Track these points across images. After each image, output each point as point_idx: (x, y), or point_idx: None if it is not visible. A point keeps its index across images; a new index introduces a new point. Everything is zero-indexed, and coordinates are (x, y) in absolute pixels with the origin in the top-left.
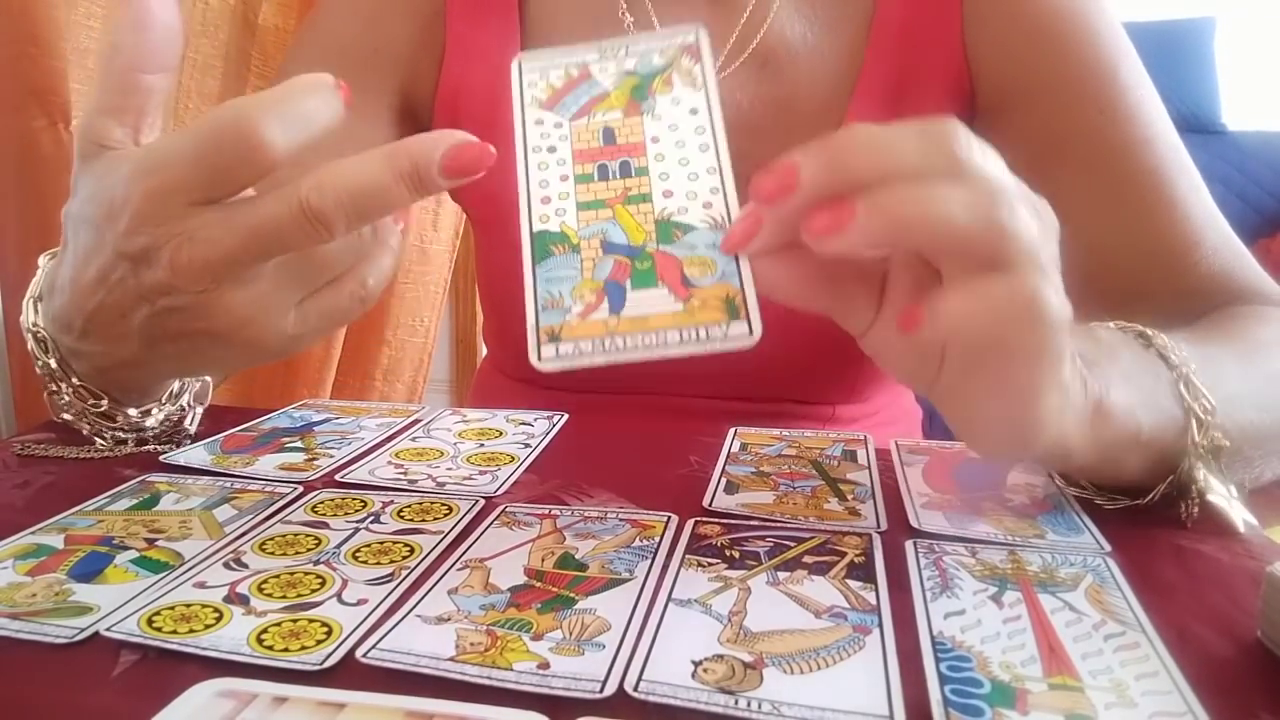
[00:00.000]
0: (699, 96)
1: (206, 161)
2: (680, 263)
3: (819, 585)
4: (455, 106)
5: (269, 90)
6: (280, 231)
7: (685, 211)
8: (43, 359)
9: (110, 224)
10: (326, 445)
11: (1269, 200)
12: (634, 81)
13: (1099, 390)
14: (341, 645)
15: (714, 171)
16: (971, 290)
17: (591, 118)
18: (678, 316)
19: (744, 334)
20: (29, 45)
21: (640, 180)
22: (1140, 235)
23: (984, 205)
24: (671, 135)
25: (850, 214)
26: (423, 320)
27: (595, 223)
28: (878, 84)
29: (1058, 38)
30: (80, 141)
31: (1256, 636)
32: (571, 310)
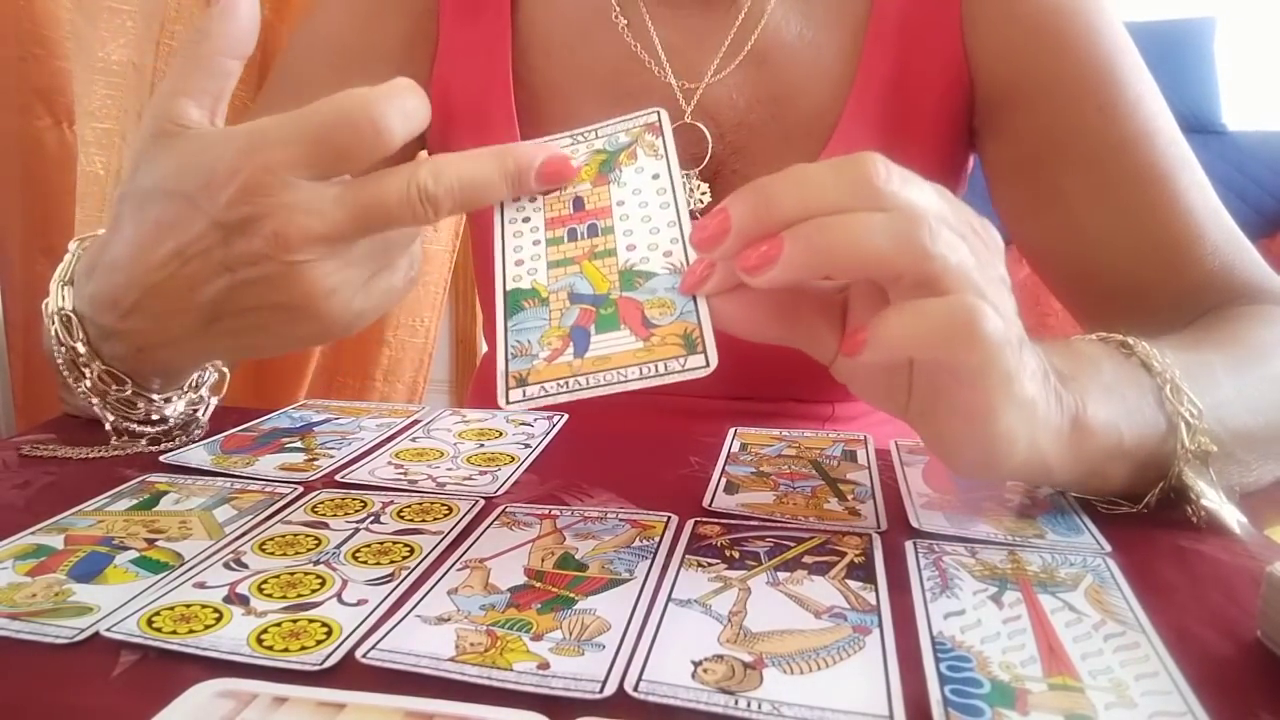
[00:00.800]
0: (660, 164)
1: (327, 141)
2: (641, 306)
3: (819, 585)
4: (447, 105)
5: (380, 86)
6: (390, 210)
7: (647, 260)
8: (68, 343)
9: (209, 194)
10: (326, 445)
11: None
12: (602, 157)
13: (1076, 405)
14: (341, 645)
15: (674, 224)
16: (908, 311)
17: (563, 191)
18: (638, 354)
19: (700, 365)
20: (34, 46)
21: (606, 238)
22: (1140, 233)
23: (903, 230)
24: (635, 198)
25: (777, 249)
26: (423, 320)
27: (564, 278)
28: (875, 82)
29: (1057, 35)
30: (154, 121)
31: (1256, 636)
32: (539, 356)
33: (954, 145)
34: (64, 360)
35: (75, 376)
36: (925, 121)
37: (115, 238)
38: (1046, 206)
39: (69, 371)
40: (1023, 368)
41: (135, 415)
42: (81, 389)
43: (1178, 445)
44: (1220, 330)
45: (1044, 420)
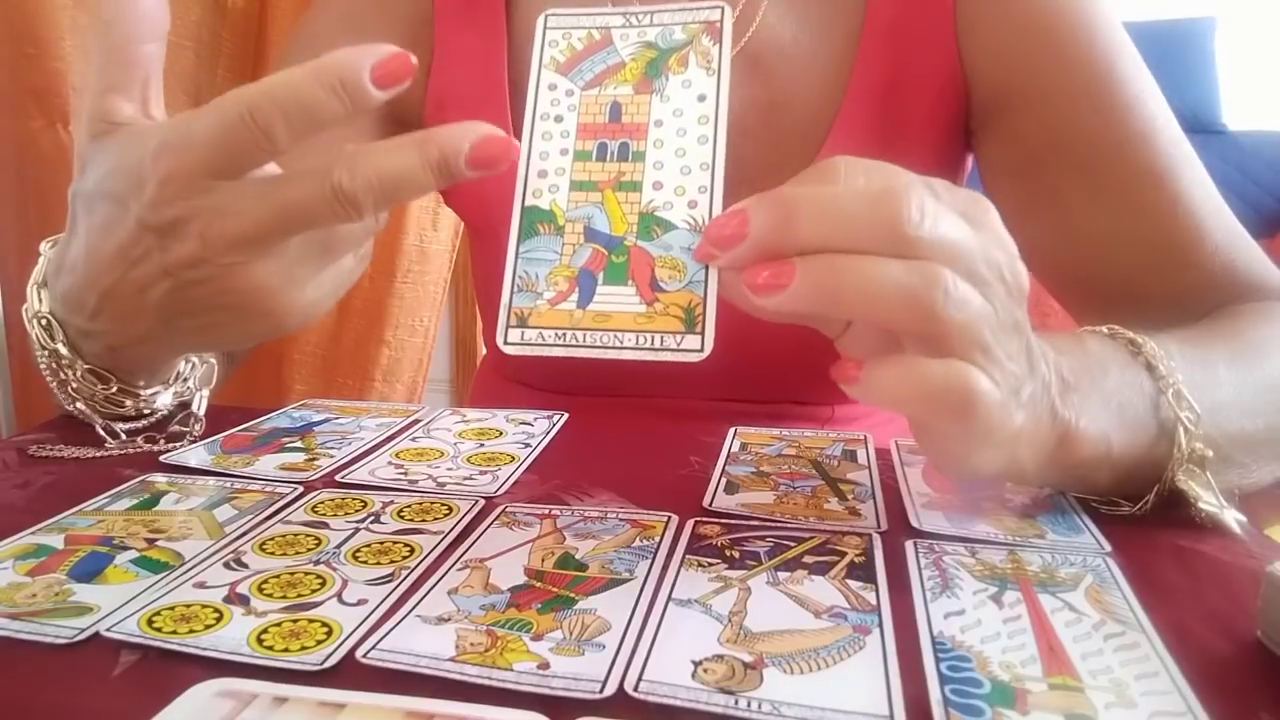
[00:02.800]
0: (710, 82)
1: (221, 144)
2: (653, 262)
3: (819, 585)
4: (443, 112)
5: (285, 74)
6: (310, 210)
7: (670, 207)
8: (49, 346)
9: (135, 195)
10: (326, 445)
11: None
12: (651, 55)
13: (1069, 419)
14: (341, 645)
15: (706, 168)
16: (904, 368)
17: (603, 90)
18: (638, 319)
19: (695, 348)
20: (28, 46)
21: (635, 166)
22: (1141, 234)
23: (917, 288)
24: (675, 121)
25: (788, 278)
26: (422, 320)
27: (583, 205)
28: (870, 85)
29: (1053, 35)
30: (90, 122)
31: (1256, 636)
32: (543, 295)
33: (950, 147)
34: (49, 363)
35: (61, 379)
36: (920, 124)
37: (72, 238)
38: (1044, 208)
39: (53, 375)
40: (1011, 418)
41: (125, 412)
42: (67, 392)
43: (1173, 449)
44: (1223, 329)
45: (1028, 442)
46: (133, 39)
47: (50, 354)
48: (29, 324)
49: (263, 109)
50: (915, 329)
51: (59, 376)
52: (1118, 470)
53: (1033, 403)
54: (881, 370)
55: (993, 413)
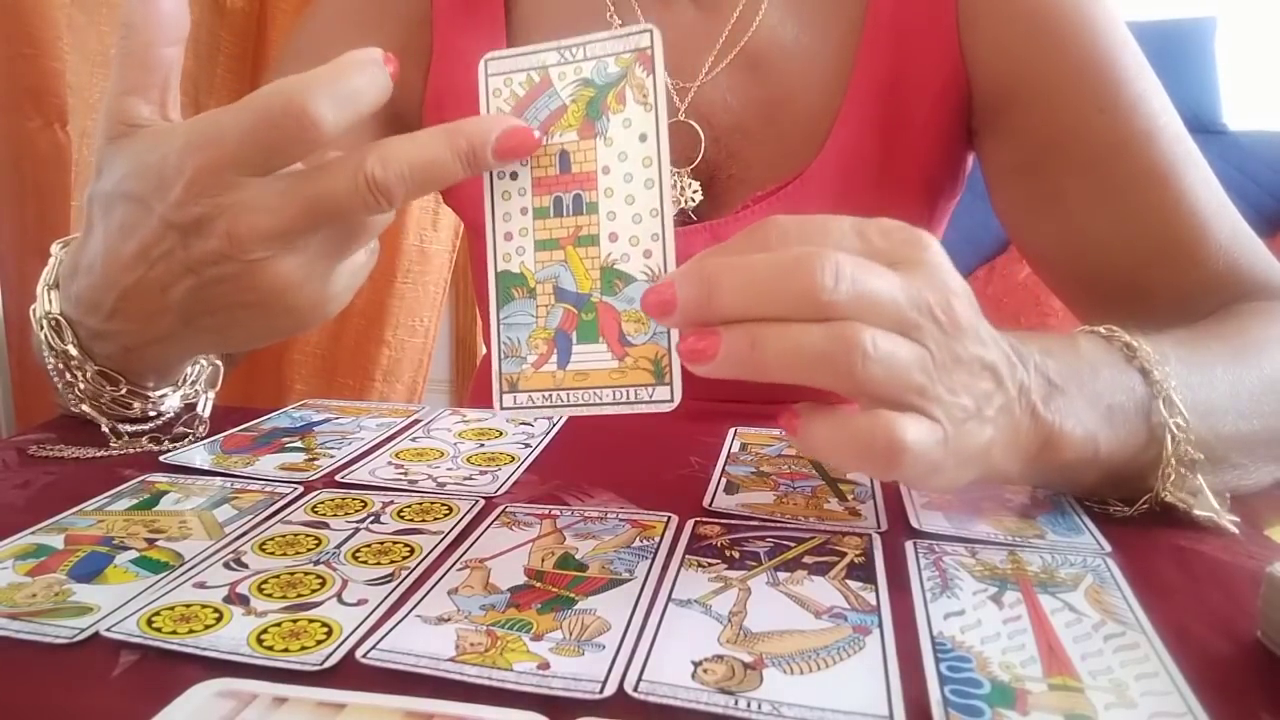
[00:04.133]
0: (649, 120)
1: (259, 137)
2: (619, 316)
3: (819, 585)
4: (442, 111)
5: (320, 68)
6: (340, 201)
7: (627, 259)
8: (59, 346)
9: (160, 195)
10: (326, 445)
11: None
12: (589, 95)
13: (1053, 423)
14: (341, 645)
15: (656, 214)
16: (834, 424)
17: (550, 138)
18: (612, 375)
19: (665, 399)
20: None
21: (590, 219)
22: (1143, 233)
23: (836, 353)
24: (620, 166)
25: (714, 348)
26: (423, 320)
27: (550, 265)
28: (871, 84)
29: (1055, 34)
30: (107, 124)
31: (1256, 636)
32: (527, 360)
33: (951, 146)
34: (56, 364)
35: (68, 380)
36: (922, 123)
37: (88, 240)
38: (1047, 208)
39: (60, 376)
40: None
41: (131, 414)
42: (74, 393)
43: (1162, 453)
44: (1225, 326)
45: (1005, 448)
46: (153, 43)
47: (59, 355)
48: (36, 325)
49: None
50: (841, 389)
51: (66, 378)
52: (1106, 471)
53: (1005, 413)
54: (814, 425)
55: (929, 453)
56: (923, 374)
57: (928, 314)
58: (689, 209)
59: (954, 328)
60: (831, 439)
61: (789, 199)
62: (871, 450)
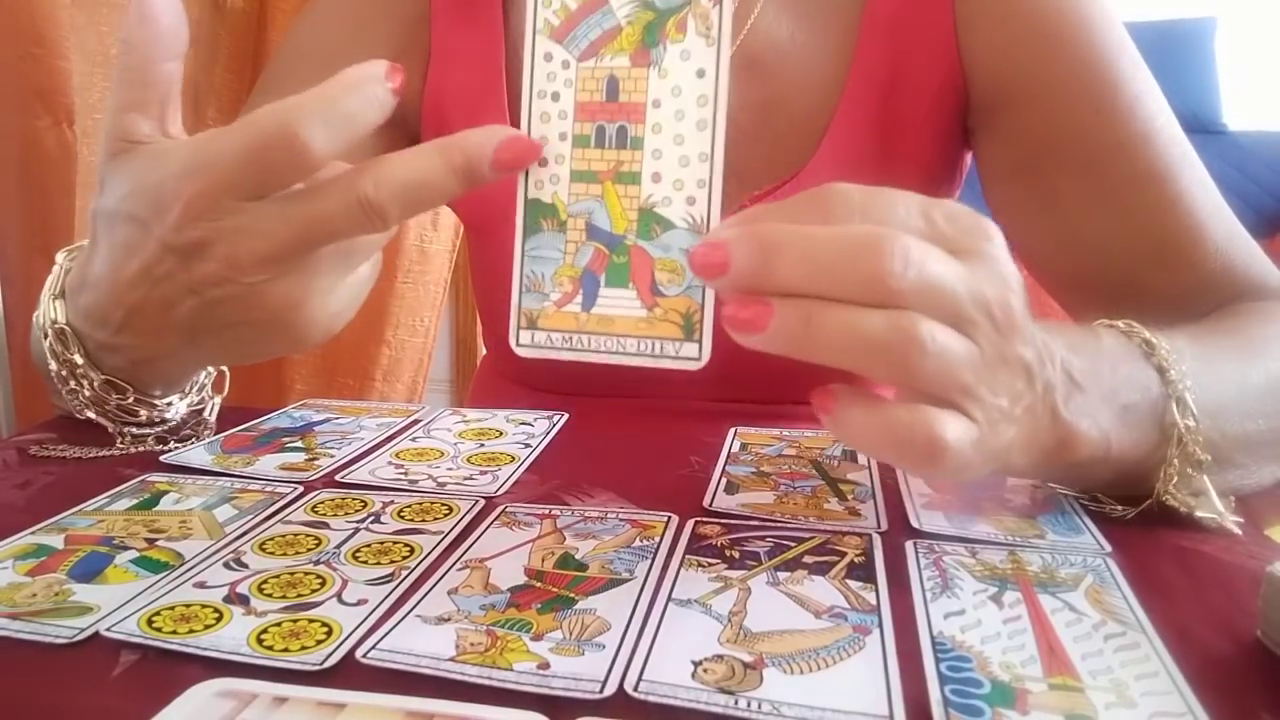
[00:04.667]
0: (709, 55)
1: (252, 163)
2: (653, 263)
3: (819, 585)
4: (441, 112)
5: (316, 89)
6: (336, 223)
7: (669, 203)
8: (65, 355)
9: (158, 218)
10: (327, 445)
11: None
12: (648, 18)
13: (1071, 423)
14: (341, 645)
15: (705, 159)
16: (873, 412)
17: (599, 61)
18: (639, 325)
19: (693, 356)
20: (34, 45)
21: (634, 155)
22: (1140, 234)
23: (895, 344)
24: (673, 102)
25: (765, 321)
26: (423, 320)
27: (584, 200)
28: (868, 84)
29: (1052, 34)
30: (108, 140)
31: (1256, 636)
32: (550, 297)
33: (948, 146)
34: (60, 371)
35: (74, 387)
36: (919, 123)
37: (94, 256)
38: (1043, 208)
39: (64, 383)
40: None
41: (137, 420)
42: (78, 400)
43: (1169, 453)
44: (1227, 325)
45: (1023, 446)
46: (151, 59)
47: (65, 363)
48: (38, 331)
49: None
50: (890, 379)
51: (70, 385)
52: (1115, 470)
53: (1029, 413)
54: (851, 411)
55: (964, 453)
56: (971, 372)
57: (985, 311)
58: None
59: (1008, 326)
60: (868, 428)
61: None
62: (911, 445)
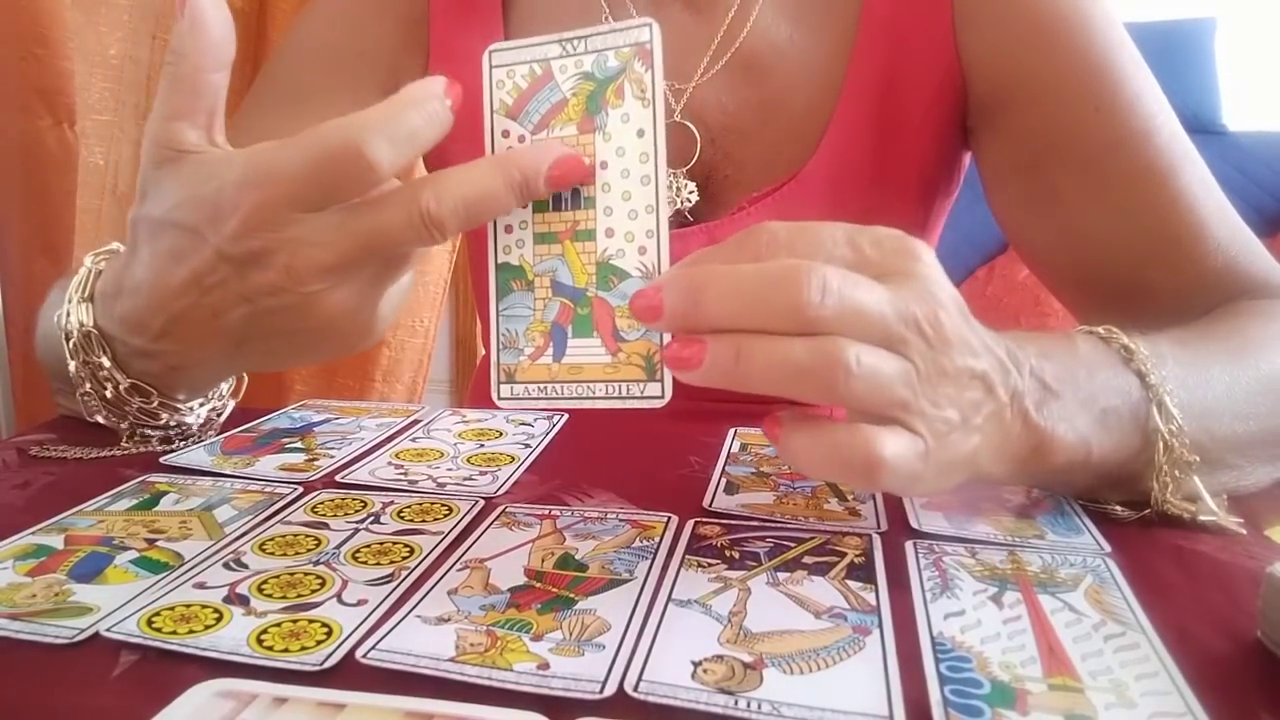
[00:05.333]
0: (646, 115)
1: (317, 177)
2: (613, 312)
3: (819, 586)
4: None
5: (379, 106)
6: (396, 234)
7: (622, 254)
8: (90, 359)
9: (214, 227)
10: (327, 445)
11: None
12: (589, 88)
13: (1045, 428)
14: (341, 646)
15: (651, 211)
16: (813, 435)
17: (550, 132)
18: (605, 370)
19: (656, 395)
20: (36, 45)
21: (587, 213)
22: (1141, 232)
23: (819, 369)
24: (618, 162)
25: (699, 357)
26: (422, 320)
27: (548, 259)
28: (866, 84)
29: (1051, 34)
30: (153, 148)
31: (1256, 636)
32: (524, 352)
33: (947, 145)
34: (79, 374)
35: (90, 389)
36: (917, 123)
37: (134, 261)
38: (1044, 207)
39: (80, 385)
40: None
41: (155, 424)
42: (93, 402)
43: (1155, 457)
44: (1223, 324)
45: (993, 454)
46: (201, 68)
47: (88, 366)
48: (63, 334)
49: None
50: (825, 402)
51: (87, 387)
52: (1100, 474)
53: (995, 420)
54: (794, 437)
55: (907, 467)
56: (906, 388)
57: (914, 328)
58: (685, 210)
59: (940, 341)
60: (810, 450)
61: (785, 200)
62: (850, 464)
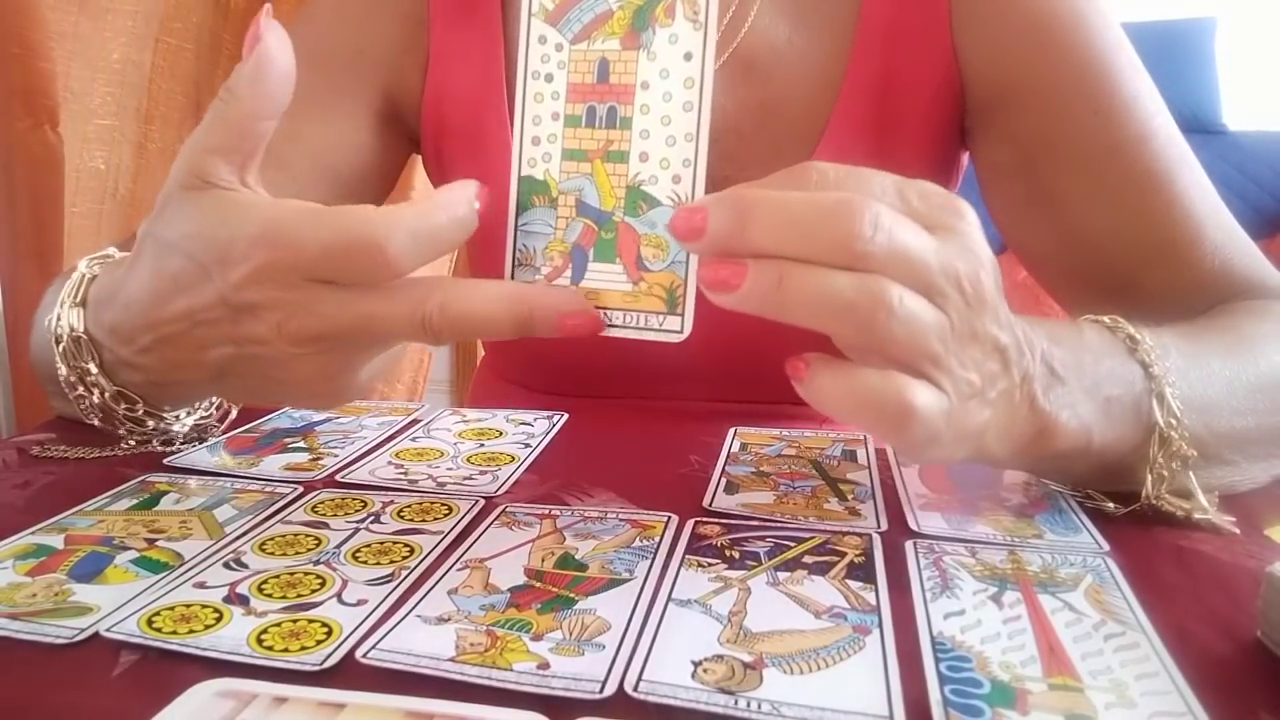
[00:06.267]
0: (696, 38)
1: (333, 259)
2: (639, 239)
3: (819, 585)
4: (440, 113)
5: (409, 205)
6: (393, 328)
7: (655, 181)
8: (78, 364)
9: (221, 270)
10: (330, 445)
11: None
12: (638, 3)
13: (1050, 413)
14: (341, 645)
15: (690, 139)
16: (844, 377)
17: (591, 44)
18: (625, 298)
19: (675, 330)
20: (14, 46)
21: (622, 134)
22: (1138, 234)
23: (862, 305)
24: (661, 84)
25: (738, 279)
26: None
27: (575, 177)
28: (864, 85)
29: (1049, 35)
30: (183, 173)
31: (1256, 636)
32: (540, 271)
33: (945, 146)
34: (69, 377)
35: (82, 393)
36: (916, 124)
37: (134, 275)
38: (1041, 208)
39: (70, 388)
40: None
41: (143, 429)
42: (84, 406)
43: (1151, 452)
44: (1221, 322)
45: (999, 433)
46: (252, 115)
47: (77, 370)
48: (53, 338)
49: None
50: (860, 342)
51: (78, 391)
52: (1097, 463)
53: (1005, 398)
54: (824, 376)
55: (933, 422)
56: (940, 342)
57: (955, 283)
58: None
59: (978, 301)
60: (840, 391)
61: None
62: (881, 409)
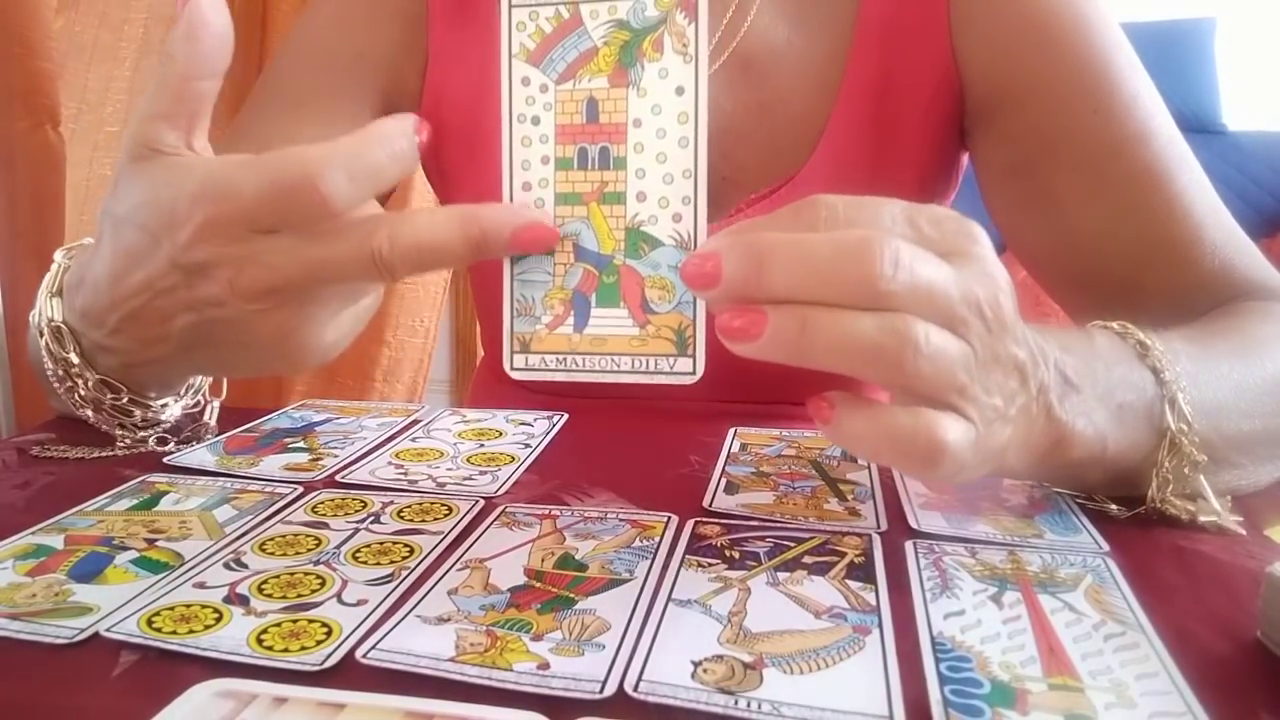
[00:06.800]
0: (687, 72)
1: (270, 203)
2: (643, 282)
3: (819, 585)
4: (439, 115)
5: (345, 139)
6: (345, 269)
7: (655, 221)
8: (61, 354)
9: (169, 234)
10: (330, 445)
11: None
12: (624, 38)
13: (1066, 423)
14: (341, 645)
15: (689, 176)
16: (873, 418)
17: (577, 83)
18: (632, 343)
19: (687, 371)
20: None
21: (617, 174)
22: (1137, 234)
23: (889, 346)
24: (654, 121)
25: (760, 328)
26: (423, 321)
27: (571, 221)
28: (863, 86)
29: (1048, 35)
30: (131, 144)
31: (1256, 636)
32: (541, 320)
33: (944, 147)
34: (57, 370)
35: (69, 386)
36: (914, 124)
37: (97, 256)
38: (1040, 208)
39: (60, 382)
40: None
41: (131, 421)
42: (75, 399)
43: (1160, 456)
44: (1225, 324)
45: (1018, 447)
46: (190, 76)
47: (60, 361)
48: (35, 330)
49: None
50: (885, 381)
51: (67, 384)
52: (1111, 470)
53: (1024, 413)
54: (852, 420)
55: (963, 455)
56: (965, 373)
57: (976, 310)
58: None
59: (999, 326)
60: (871, 433)
61: (783, 201)
62: (911, 449)
